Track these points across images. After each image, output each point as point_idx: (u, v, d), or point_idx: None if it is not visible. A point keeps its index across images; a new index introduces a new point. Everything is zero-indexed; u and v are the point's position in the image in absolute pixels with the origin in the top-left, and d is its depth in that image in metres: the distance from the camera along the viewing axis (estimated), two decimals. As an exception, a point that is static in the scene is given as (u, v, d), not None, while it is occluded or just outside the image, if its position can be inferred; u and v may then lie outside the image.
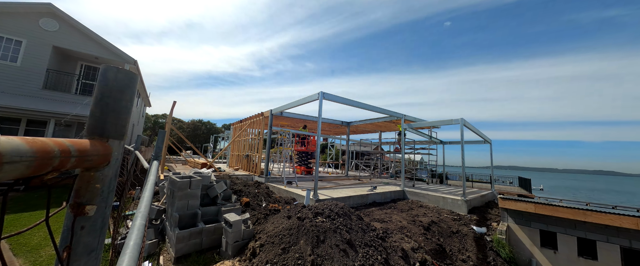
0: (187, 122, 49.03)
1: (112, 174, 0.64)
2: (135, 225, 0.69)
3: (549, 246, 6.67)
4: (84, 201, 0.57)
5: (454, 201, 8.31)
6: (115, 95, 0.63)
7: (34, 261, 3.89)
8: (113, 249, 1.91)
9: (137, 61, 12.88)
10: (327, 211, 4.90)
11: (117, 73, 0.64)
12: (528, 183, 22.02)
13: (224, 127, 48.01)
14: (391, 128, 15.30)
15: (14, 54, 10.54)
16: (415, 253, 4.56)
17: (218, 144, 31.04)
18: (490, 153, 13.00)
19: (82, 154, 0.46)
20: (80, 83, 12.85)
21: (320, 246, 4.00)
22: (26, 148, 0.30)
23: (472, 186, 16.14)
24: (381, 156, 18.34)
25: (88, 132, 0.61)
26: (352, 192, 8.37)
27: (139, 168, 9.81)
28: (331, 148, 26.37)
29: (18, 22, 10.61)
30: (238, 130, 15.84)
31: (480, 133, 11.46)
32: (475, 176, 24.95)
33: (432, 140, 14.12)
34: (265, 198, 7.10)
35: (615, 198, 49.00)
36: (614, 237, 5.88)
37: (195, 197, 5.04)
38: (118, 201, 3.72)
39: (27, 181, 0.36)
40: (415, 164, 26.42)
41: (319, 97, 7.60)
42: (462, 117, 9.11)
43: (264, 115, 11.90)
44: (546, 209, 6.60)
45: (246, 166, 13.10)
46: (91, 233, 0.58)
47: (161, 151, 2.45)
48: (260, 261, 3.82)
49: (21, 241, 4.49)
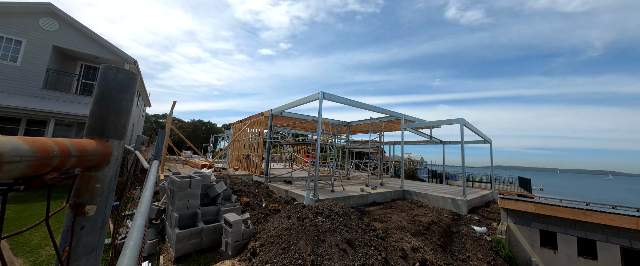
0: (187, 122, 49.06)
1: (112, 174, 0.64)
2: (135, 225, 0.69)
3: (549, 246, 6.67)
4: (84, 201, 0.57)
5: (454, 201, 8.31)
6: (115, 95, 0.63)
7: (34, 261, 3.89)
8: (113, 249, 1.92)
9: (137, 61, 12.88)
10: (327, 211, 4.90)
11: (117, 73, 0.64)
12: (528, 183, 22.01)
13: (223, 127, 48.02)
14: (391, 128, 15.30)
15: (14, 54, 10.54)
16: (415, 253, 4.56)
17: (218, 144, 31.06)
18: (490, 153, 12.99)
19: (82, 154, 0.46)
20: (80, 83, 12.85)
21: (320, 245, 4.00)
22: (26, 148, 0.30)
23: (472, 186, 16.15)
24: (381, 156, 18.35)
25: (88, 132, 0.61)
26: (352, 192, 8.38)
27: (139, 168, 9.81)
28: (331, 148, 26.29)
29: (18, 22, 10.61)
30: (238, 130, 15.84)
31: (480, 132, 11.46)
32: (475, 176, 24.93)
33: (432, 140, 14.12)
34: (265, 197, 7.10)
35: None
36: (614, 237, 5.88)
37: (195, 197, 5.04)
38: (118, 201, 3.72)
39: (27, 180, 0.36)
40: (416, 164, 26.41)
41: (319, 97, 7.60)
42: (462, 117, 9.11)
43: (264, 115, 11.89)
44: (546, 209, 6.60)
45: (246, 166, 13.10)
46: (91, 233, 0.58)
47: (161, 151, 2.45)
48: (260, 261, 3.82)
49: (21, 241, 4.49)
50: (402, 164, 10.78)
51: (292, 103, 9.42)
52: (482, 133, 11.61)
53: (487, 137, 12.41)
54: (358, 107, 9.05)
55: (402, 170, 10.69)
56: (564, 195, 32.11)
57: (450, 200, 8.40)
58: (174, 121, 42.76)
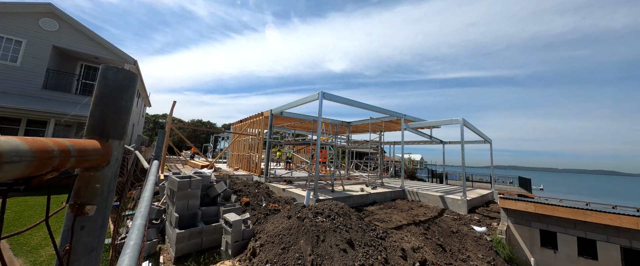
0: (187, 122, 49.07)
1: (112, 174, 0.64)
2: (135, 225, 0.69)
3: (549, 246, 6.67)
4: (84, 201, 0.57)
5: (454, 201, 8.31)
6: (115, 95, 0.63)
7: (34, 261, 3.89)
8: (113, 249, 1.92)
9: (137, 61, 12.89)
10: (327, 210, 4.90)
11: (117, 73, 0.64)
12: (528, 182, 22.03)
13: (223, 127, 48.03)
14: (391, 128, 15.31)
15: (14, 54, 10.54)
16: (415, 253, 4.56)
17: (218, 144, 31.05)
18: (491, 153, 13.00)
19: (82, 154, 0.46)
20: (80, 83, 12.85)
21: (320, 245, 4.00)
22: (26, 148, 0.30)
23: (472, 186, 16.14)
24: (382, 156, 18.36)
25: (88, 132, 0.61)
26: (352, 191, 8.38)
27: (139, 168, 9.81)
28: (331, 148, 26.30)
29: (18, 22, 10.61)
30: (238, 130, 15.84)
31: (480, 132, 11.46)
32: (475, 176, 24.94)
33: (432, 140, 14.12)
34: (265, 197, 7.11)
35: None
36: (614, 237, 5.88)
37: (195, 197, 5.04)
38: (118, 201, 3.72)
39: (26, 180, 0.36)
40: (416, 164, 26.42)
41: (319, 97, 7.60)
42: (462, 117, 9.12)
43: (263, 115, 11.89)
44: (546, 209, 6.59)
45: (246, 166, 13.11)
46: (91, 233, 0.58)
47: (161, 151, 2.46)
48: (260, 261, 3.82)
49: (21, 241, 4.49)
50: (402, 164, 10.78)
51: (292, 103, 9.42)
52: (482, 132, 11.62)
53: (487, 137, 12.42)
54: (358, 107, 9.05)
55: (402, 170, 10.69)
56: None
57: (451, 200, 8.40)
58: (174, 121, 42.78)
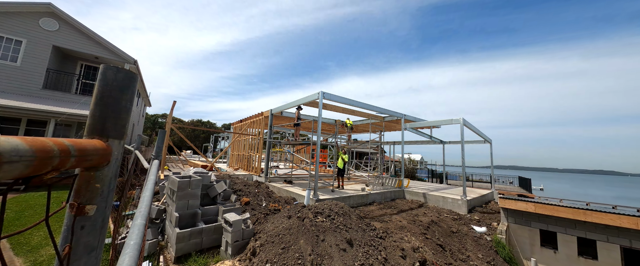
0: (187, 121, 49.07)
1: (112, 174, 0.64)
2: (136, 225, 0.69)
3: (549, 245, 6.67)
4: (84, 200, 0.56)
5: (453, 201, 8.31)
6: (115, 95, 0.63)
7: (34, 261, 3.89)
8: (113, 249, 1.92)
9: (137, 60, 12.88)
10: (327, 210, 4.90)
11: (117, 73, 0.64)
12: (528, 182, 22.03)
13: (223, 127, 48.04)
14: (391, 128, 15.30)
15: (14, 54, 10.54)
16: (415, 253, 4.56)
17: (218, 144, 31.04)
18: (491, 153, 13.00)
19: (82, 154, 0.46)
20: (80, 83, 12.85)
21: (320, 245, 4.00)
22: (25, 148, 0.30)
23: (472, 186, 16.15)
24: (381, 156, 18.35)
25: (88, 132, 0.61)
26: (352, 191, 8.38)
27: (139, 168, 9.81)
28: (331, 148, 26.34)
29: (18, 22, 10.60)
30: (238, 130, 15.84)
31: (480, 132, 11.46)
32: (475, 176, 24.94)
33: (432, 140, 14.12)
34: (265, 197, 7.11)
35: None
36: (614, 237, 5.88)
37: (196, 197, 5.04)
38: (118, 200, 3.72)
39: (26, 180, 0.35)
40: (416, 164, 26.42)
41: (319, 97, 7.60)
42: (462, 117, 9.11)
43: (263, 115, 11.90)
44: (546, 209, 6.59)
45: (246, 166, 13.11)
46: (91, 233, 0.58)
47: (161, 151, 2.46)
48: (260, 261, 3.82)
49: (21, 241, 4.49)
50: (402, 164, 10.78)
51: (292, 103, 9.42)
52: (482, 132, 11.62)
53: (487, 137, 12.42)
54: (358, 107, 9.05)
55: (402, 170, 10.68)
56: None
57: (450, 200, 8.40)
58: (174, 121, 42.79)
